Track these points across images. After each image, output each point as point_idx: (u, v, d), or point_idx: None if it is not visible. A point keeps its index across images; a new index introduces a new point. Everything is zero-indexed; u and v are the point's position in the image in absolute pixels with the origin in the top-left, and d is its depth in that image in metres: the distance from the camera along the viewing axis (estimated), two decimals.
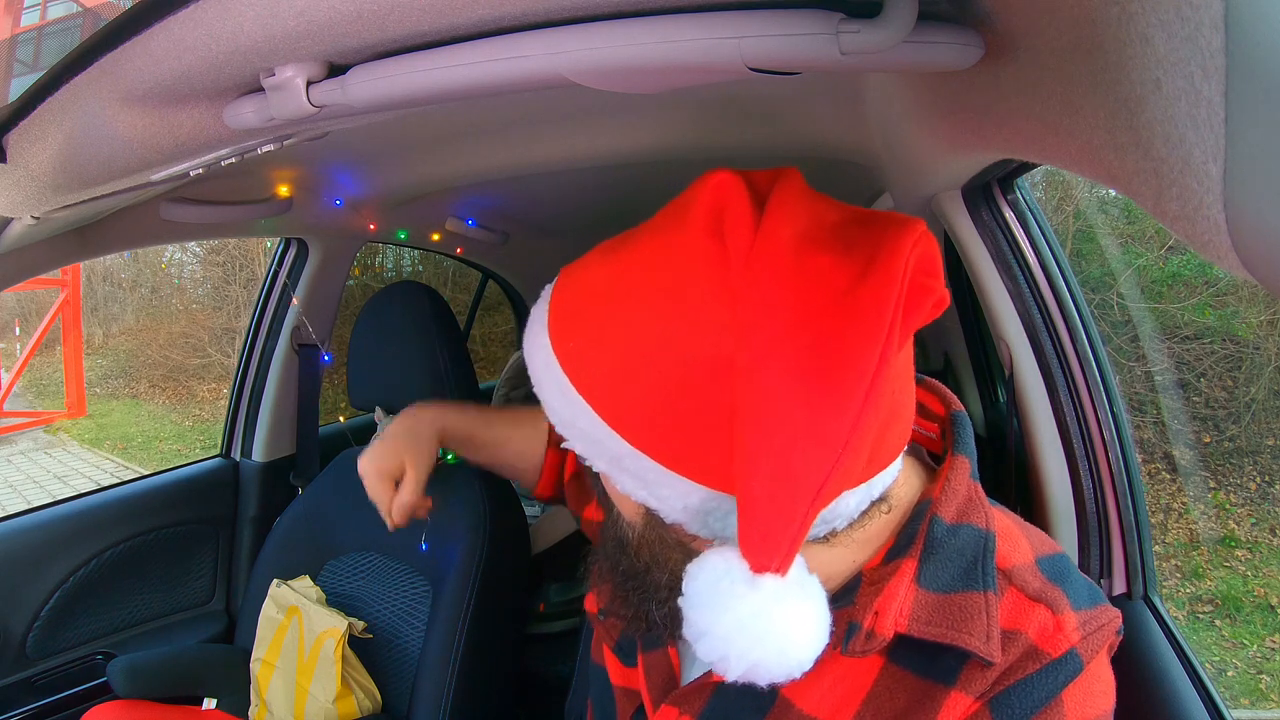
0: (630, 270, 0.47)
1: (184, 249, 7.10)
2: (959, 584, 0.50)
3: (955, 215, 0.98)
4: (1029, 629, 0.49)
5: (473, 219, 1.93)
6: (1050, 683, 0.47)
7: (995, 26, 0.48)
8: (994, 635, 0.48)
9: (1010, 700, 0.47)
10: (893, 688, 0.51)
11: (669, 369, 0.43)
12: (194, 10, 0.49)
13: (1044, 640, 0.48)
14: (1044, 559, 0.53)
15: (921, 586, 0.50)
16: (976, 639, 0.48)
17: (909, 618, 0.50)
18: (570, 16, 0.51)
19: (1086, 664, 0.48)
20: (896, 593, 0.50)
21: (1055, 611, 0.49)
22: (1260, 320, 3.80)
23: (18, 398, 6.74)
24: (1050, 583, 0.51)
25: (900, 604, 0.50)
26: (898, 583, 0.50)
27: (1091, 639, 0.49)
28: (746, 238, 0.43)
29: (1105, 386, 0.92)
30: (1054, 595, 0.50)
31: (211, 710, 1.24)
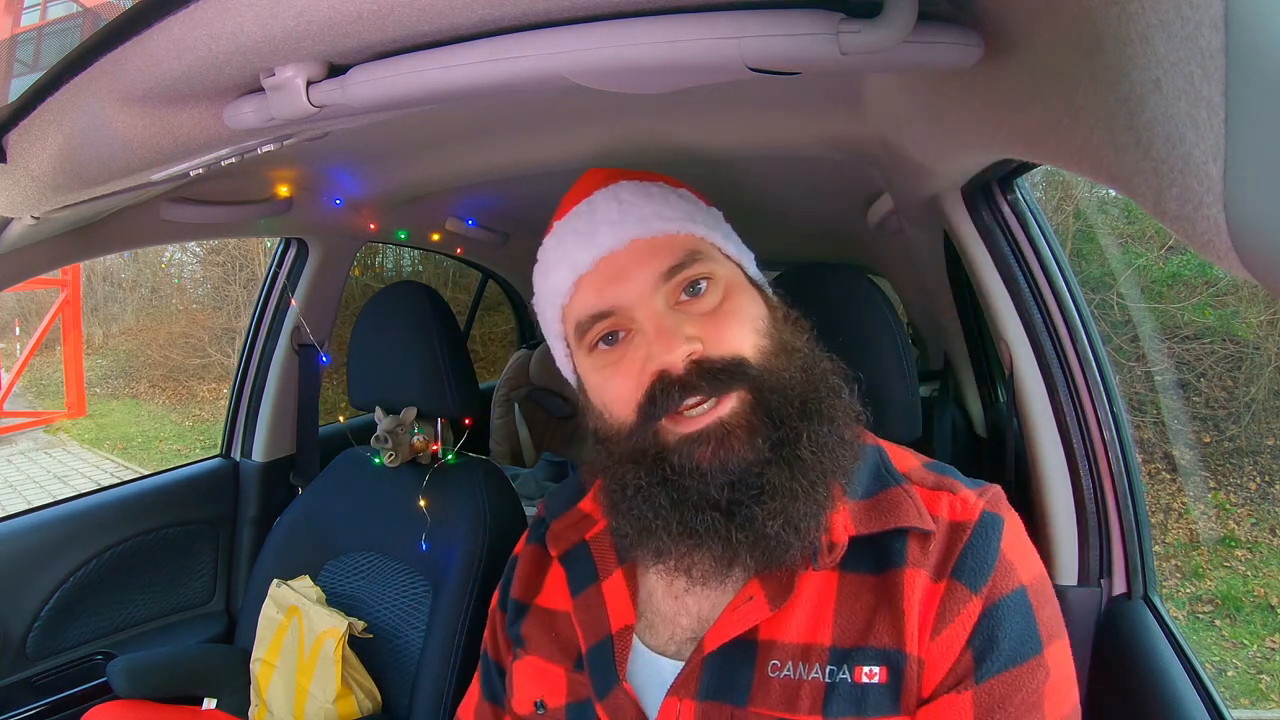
0: None
1: (184, 249, 7.10)
2: (876, 487, 0.62)
3: (955, 215, 0.98)
4: (941, 512, 0.59)
5: (473, 219, 1.93)
6: (988, 540, 0.57)
7: (995, 26, 0.48)
8: (923, 511, 0.59)
9: (966, 565, 0.56)
10: (856, 591, 0.59)
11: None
12: (194, 10, 0.49)
13: (957, 514, 0.59)
14: (927, 463, 0.65)
15: (851, 498, 0.61)
16: (911, 517, 0.58)
17: (853, 522, 0.60)
18: (570, 16, 0.51)
19: (1005, 517, 0.59)
20: (835, 509, 0.60)
21: (954, 493, 0.60)
22: (1260, 320, 3.80)
23: (18, 398, 6.74)
24: (941, 475, 0.63)
25: (842, 516, 0.60)
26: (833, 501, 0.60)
27: (991, 501, 0.60)
28: None
29: (1105, 386, 0.92)
30: (949, 482, 0.62)
31: (211, 710, 1.24)
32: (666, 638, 0.64)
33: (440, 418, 1.31)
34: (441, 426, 1.32)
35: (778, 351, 0.61)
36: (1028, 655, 0.54)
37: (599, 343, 0.62)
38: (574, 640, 0.68)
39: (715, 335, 0.59)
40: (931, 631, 0.55)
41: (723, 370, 0.57)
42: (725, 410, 0.57)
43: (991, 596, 0.55)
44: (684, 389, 0.57)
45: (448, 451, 1.31)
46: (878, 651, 0.56)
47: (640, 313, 0.60)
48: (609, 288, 0.60)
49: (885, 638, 0.56)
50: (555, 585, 0.72)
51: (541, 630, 0.70)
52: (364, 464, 1.34)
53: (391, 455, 1.27)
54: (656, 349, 0.58)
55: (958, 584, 0.55)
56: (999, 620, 0.54)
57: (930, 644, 0.55)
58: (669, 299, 0.60)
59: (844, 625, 0.57)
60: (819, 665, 0.56)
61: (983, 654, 0.54)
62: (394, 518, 1.27)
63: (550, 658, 0.69)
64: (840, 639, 0.57)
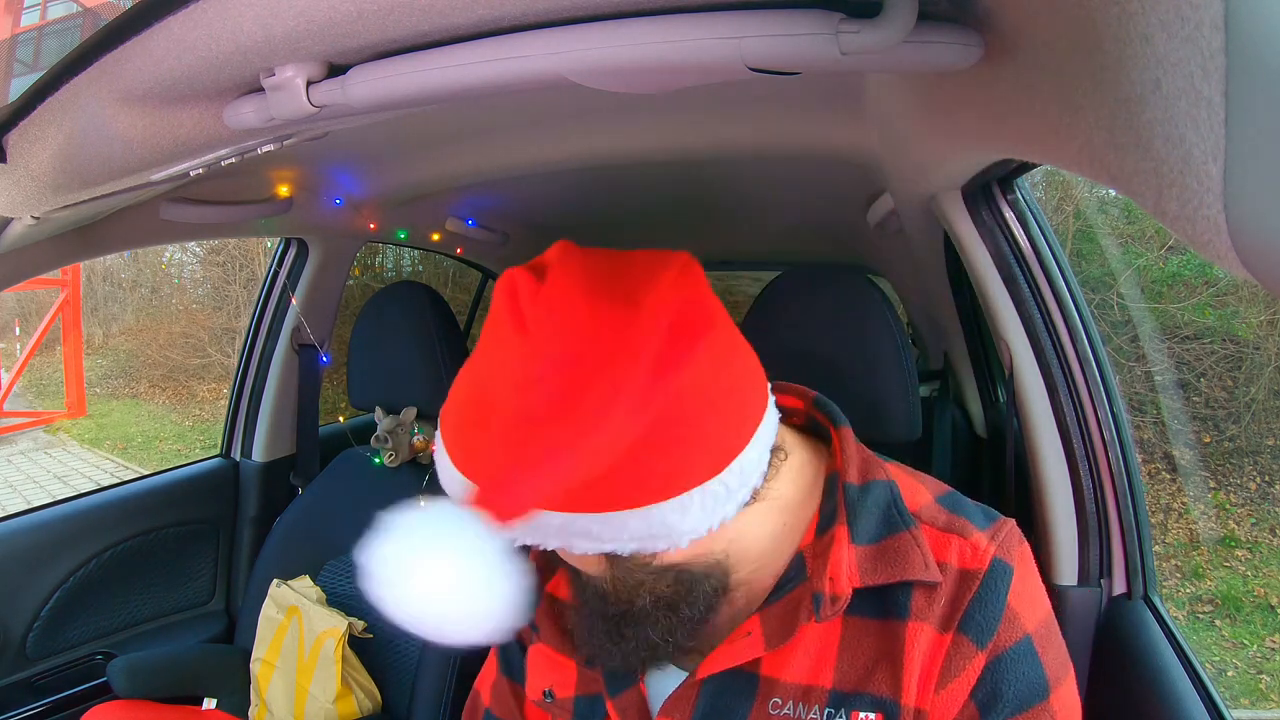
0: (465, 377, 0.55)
1: (184, 249, 7.10)
2: (884, 531, 0.59)
3: (955, 215, 0.98)
4: (951, 558, 0.57)
5: (473, 219, 1.93)
6: (996, 592, 0.55)
7: (995, 26, 0.48)
8: (930, 561, 0.56)
9: (973, 620, 0.54)
10: (859, 636, 0.57)
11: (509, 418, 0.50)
12: (194, 10, 0.49)
13: (967, 562, 0.56)
14: (941, 497, 0.62)
15: (856, 544, 0.58)
16: (916, 569, 0.56)
17: (858, 572, 0.57)
18: (570, 16, 0.51)
19: (1014, 566, 0.57)
20: (840, 556, 0.57)
21: (965, 536, 0.58)
22: (1260, 320, 3.80)
23: (18, 398, 6.74)
24: (952, 514, 0.60)
25: (847, 565, 0.57)
26: (838, 548, 0.57)
27: (1003, 545, 0.57)
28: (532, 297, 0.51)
29: (1105, 386, 0.92)
30: (960, 524, 0.59)
31: (211, 710, 1.24)
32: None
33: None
34: None
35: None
36: (1033, 702, 0.54)
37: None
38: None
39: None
40: (936, 685, 0.55)
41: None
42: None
43: (996, 650, 0.54)
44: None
45: None
46: (875, 699, 0.56)
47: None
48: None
49: (883, 687, 0.56)
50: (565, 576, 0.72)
51: (551, 620, 0.70)
52: (364, 464, 1.34)
53: (391, 455, 1.27)
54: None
55: (964, 638, 0.54)
56: (1003, 672, 0.54)
57: (935, 697, 0.55)
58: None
59: (845, 669, 0.57)
60: (818, 707, 0.57)
61: (986, 705, 0.54)
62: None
63: (560, 649, 0.69)
64: (840, 683, 0.57)
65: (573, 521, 0.51)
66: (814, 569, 0.58)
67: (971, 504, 0.62)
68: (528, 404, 0.48)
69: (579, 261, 0.53)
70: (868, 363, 0.73)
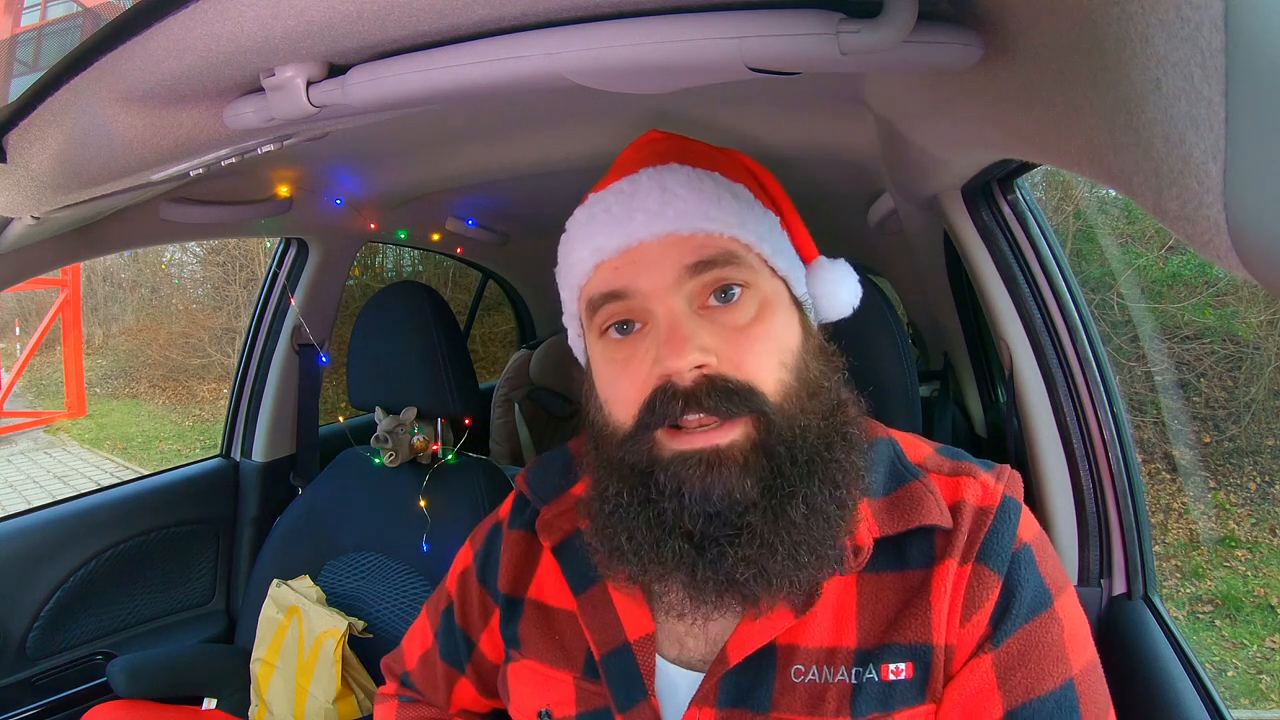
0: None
1: (184, 249, 7.10)
2: (894, 483, 0.60)
3: (955, 215, 0.98)
4: (967, 496, 0.58)
5: (473, 219, 1.93)
6: (1008, 526, 0.57)
7: (995, 26, 0.48)
8: (943, 507, 0.58)
9: (990, 551, 0.56)
10: (877, 591, 0.58)
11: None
12: (194, 10, 0.49)
13: (981, 500, 0.58)
14: (940, 449, 0.64)
15: (870, 497, 0.59)
16: (933, 515, 0.57)
17: (875, 523, 0.58)
18: (570, 16, 0.51)
19: (1021, 503, 0.59)
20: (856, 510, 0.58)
21: (975, 477, 0.59)
22: (1260, 320, 3.80)
23: (18, 398, 6.73)
24: (956, 461, 0.62)
25: (864, 517, 0.58)
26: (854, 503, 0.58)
27: (1010, 486, 0.59)
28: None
29: (1105, 386, 0.92)
30: (967, 467, 0.60)
31: (211, 710, 1.24)
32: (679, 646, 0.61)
33: (440, 418, 1.31)
34: (441, 426, 1.32)
35: (799, 391, 0.56)
36: (1039, 610, 0.55)
37: (611, 329, 0.58)
38: (579, 642, 0.63)
39: (734, 355, 0.54)
40: (960, 618, 0.55)
41: (733, 394, 0.52)
42: (725, 439, 0.53)
43: (1009, 568, 0.56)
44: (688, 402, 0.52)
45: (448, 451, 1.31)
46: (904, 648, 0.55)
47: (657, 305, 0.55)
48: (628, 271, 0.56)
49: (911, 633, 0.55)
50: (550, 578, 0.67)
51: (539, 631, 0.66)
52: (364, 464, 1.34)
53: (391, 455, 1.27)
54: (665, 351, 0.53)
55: (984, 568, 0.55)
56: (1013, 588, 0.55)
57: (961, 630, 0.55)
58: (693, 299, 0.56)
59: (867, 626, 0.56)
60: (844, 667, 0.55)
61: (999, 616, 0.54)
62: (394, 518, 1.27)
63: (553, 663, 0.64)
64: (864, 640, 0.56)
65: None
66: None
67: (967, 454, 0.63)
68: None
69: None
70: (868, 362, 0.73)
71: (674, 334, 0.53)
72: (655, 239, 0.55)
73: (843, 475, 0.56)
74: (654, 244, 0.56)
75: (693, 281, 0.55)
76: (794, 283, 0.61)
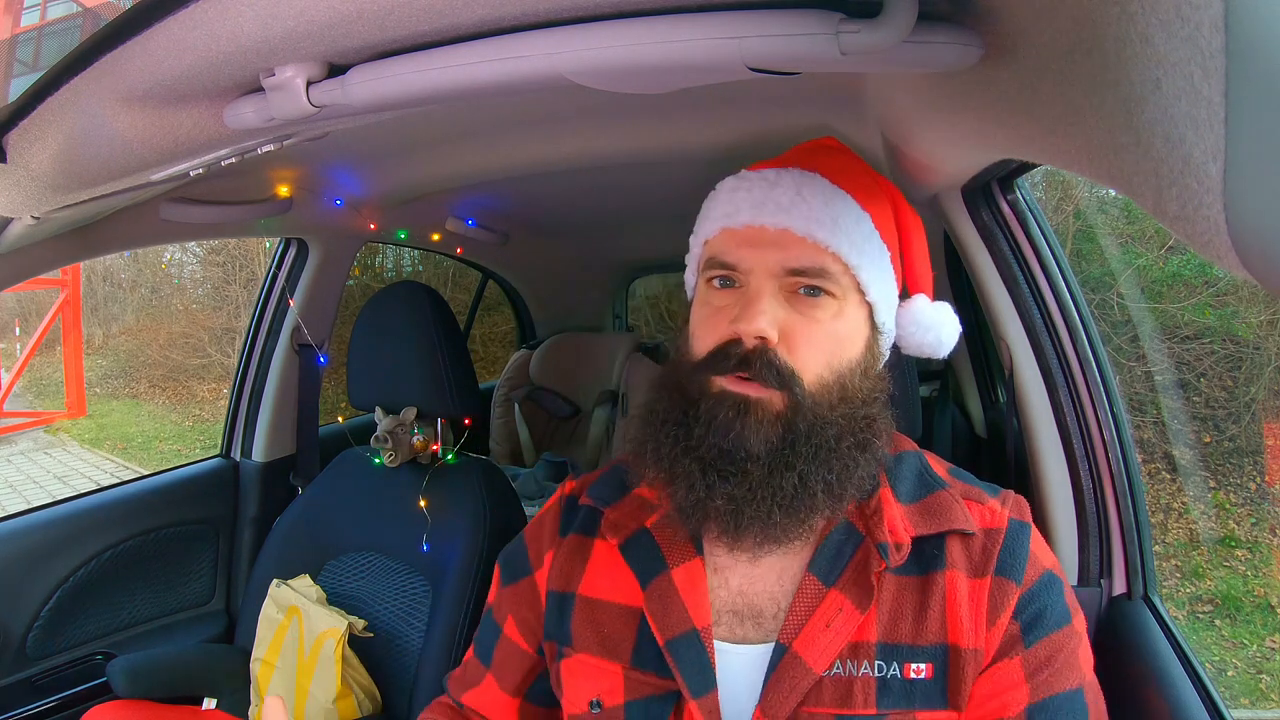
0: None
1: (184, 249, 7.10)
2: (922, 491, 0.68)
3: (955, 215, 0.98)
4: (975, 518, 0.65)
5: (473, 219, 1.93)
6: (1019, 543, 0.64)
7: (995, 26, 0.48)
8: (969, 514, 0.65)
9: (1006, 563, 0.63)
10: (899, 592, 0.63)
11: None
12: (194, 10, 0.49)
13: (987, 522, 0.65)
14: (952, 470, 0.71)
15: (901, 502, 0.67)
16: (960, 520, 0.65)
17: (910, 525, 0.65)
18: (570, 16, 0.51)
19: (1029, 525, 0.66)
20: (893, 513, 0.65)
21: (981, 503, 0.67)
22: (1260, 320, 3.80)
23: (18, 398, 6.73)
24: (966, 484, 0.69)
25: (900, 518, 0.65)
26: (888, 506, 0.66)
27: (1015, 510, 0.67)
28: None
29: (1105, 386, 0.92)
30: (975, 492, 0.68)
31: (211, 710, 1.24)
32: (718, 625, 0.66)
33: (440, 418, 1.31)
34: (441, 426, 1.32)
35: (834, 391, 0.64)
36: (1062, 624, 0.62)
37: (716, 279, 0.67)
38: (624, 633, 0.68)
39: (794, 341, 0.63)
40: (987, 622, 0.61)
41: (777, 372, 0.61)
42: (755, 395, 0.62)
43: (1028, 582, 0.63)
44: (742, 361, 0.62)
45: (448, 451, 1.31)
46: (924, 649, 0.61)
47: (754, 279, 0.64)
48: (744, 249, 0.65)
49: (931, 635, 0.62)
50: (600, 573, 0.71)
51: (587, 625, 0.70)
52: (364, 464, 1.34)
53: (391, 455, 1.27)
54: (742, 313, 0.63)
55: (1002, 579, 0.62)
56: (1037, 596, 0.62)
57: (988, 633, 0.61)
58: (786, 287, 0.64)
59: (888, 623, 0.62)
60: (867, 661, 0.61)
61: (1030, 625, 0.61)
62: (394, 518, 1.27)
63: (603, 654, 0.68)
64: (886, 635, 0.62)
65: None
66: (869, 527, 0.65)
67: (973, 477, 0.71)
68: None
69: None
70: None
71: (753, 304, 0.63)
72: (775, 228, 0.64)
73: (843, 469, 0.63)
74: (772, 232, 0.64)
75: (786, 279, 0.64)
76: (879, 310, 0.67)
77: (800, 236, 0.63)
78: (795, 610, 0.63)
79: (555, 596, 0.73)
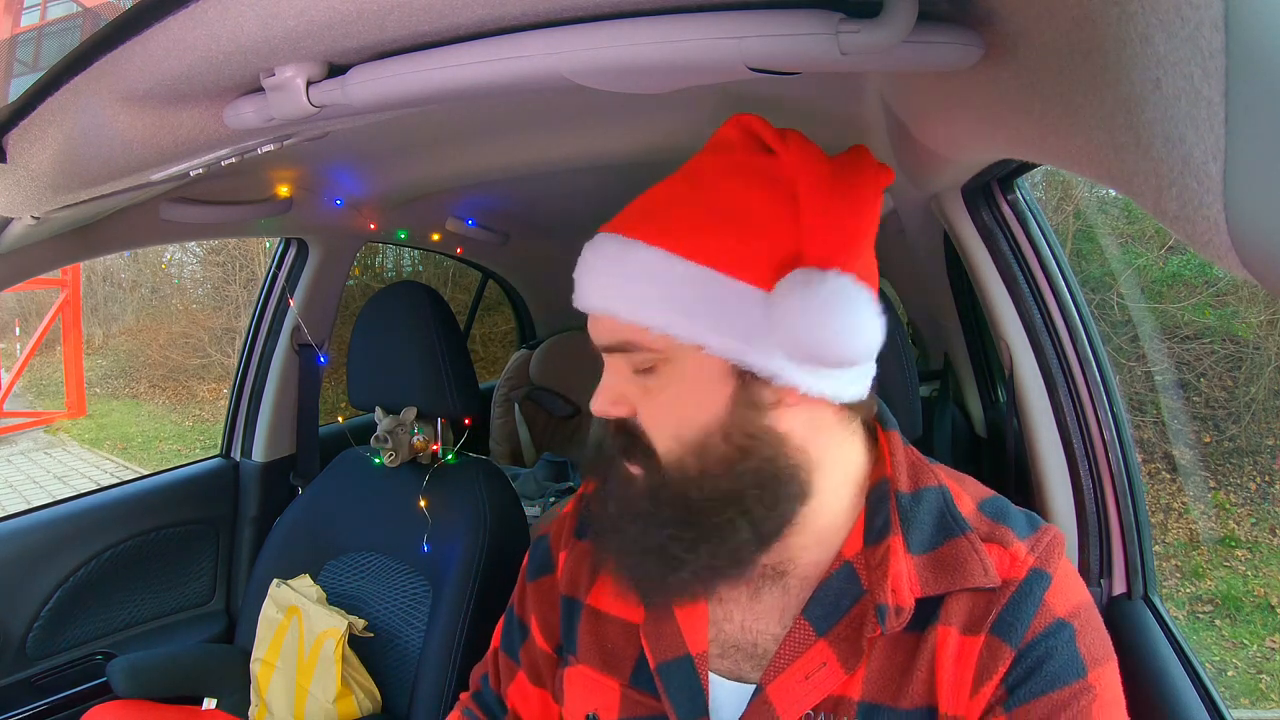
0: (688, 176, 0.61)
1: (184, 249, 7.10)
2: (940, 538, 0.58)
3: (955, 215, 0.98)
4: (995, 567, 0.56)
5: (473, 219, 1.93)
6: (1029, 598, 0.55)
7: (995, 26, 0.48)
8: (989, 565, 0.56)
9: (1006, 620, 0.54)
10: (890, 648, 0.57)
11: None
12: (194, 10, 0.49)
13: (1007, 572, 0.56)
14: (984, 503, 0.61)
15: (913, 554, 0.58)
16: (976, 576, 0.55)
17: (918, 582, 0.57)
18: (571, 16, 0.51)
19: (1053, 574, 0.56)
20: (899, 569, 0.57)
21: (1005, 546, 0.57)
22: (1260, 320, 3.80)
23: (18, 398, 6.73)
24: (995, 523, 0.59)
25: (907, 576, 0.57)
26: (895, 559, 0.57)
27: (1044, 556, 0.57)
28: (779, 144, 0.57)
29: (1105, 386, 0.92)
30: (1001, 533, 0.58)
31: (211, 710, 1.24)
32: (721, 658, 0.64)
33: (440, 418, 1.31)
34: (441, 426, 1.32)
35: (688, 460, 0.57)
36: (1070, 679, 0.53)
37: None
38: (625, 650, 0.66)
39: (643, 415, 0.59)
40: (971, 689, 0.54)
41: (633, 441, 0.60)
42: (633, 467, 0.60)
43: (1029, 637, 0.54)
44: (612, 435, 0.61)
45: (448, 451, 1.31)
46: (909, 712, 0.55)
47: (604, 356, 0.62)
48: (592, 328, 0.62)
49: (916, 697, 0.55)
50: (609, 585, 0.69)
51: (591, 636, 0.68)
52: (364, 464, 1.34)
53: (391, 455, 1.27)
54: (596, 395, 0.61)
55: (996, 640, 0.54)
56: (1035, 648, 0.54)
57: (970, 701, 0.54)
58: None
59: (875, 681, 0.57)
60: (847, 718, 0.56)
61: (1015, 685, 0.53)
62: (394, 518, 1.27)
63: (603, 669, 0.67)
64: (870, 694, 0.56)
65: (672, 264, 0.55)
66: (871, 581, 0.57)
67: (1015, 510, 0.61)
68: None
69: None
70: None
71: (601, 387, 0.61)
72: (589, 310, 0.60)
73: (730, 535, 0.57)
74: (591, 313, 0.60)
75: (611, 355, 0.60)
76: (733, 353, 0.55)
77: (599, 315, 0.59)
78: (781, 654, 0.59)
79: (566, 601, 0.72)
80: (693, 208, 0.58)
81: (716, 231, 0.56)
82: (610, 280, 0.58)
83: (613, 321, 0.57)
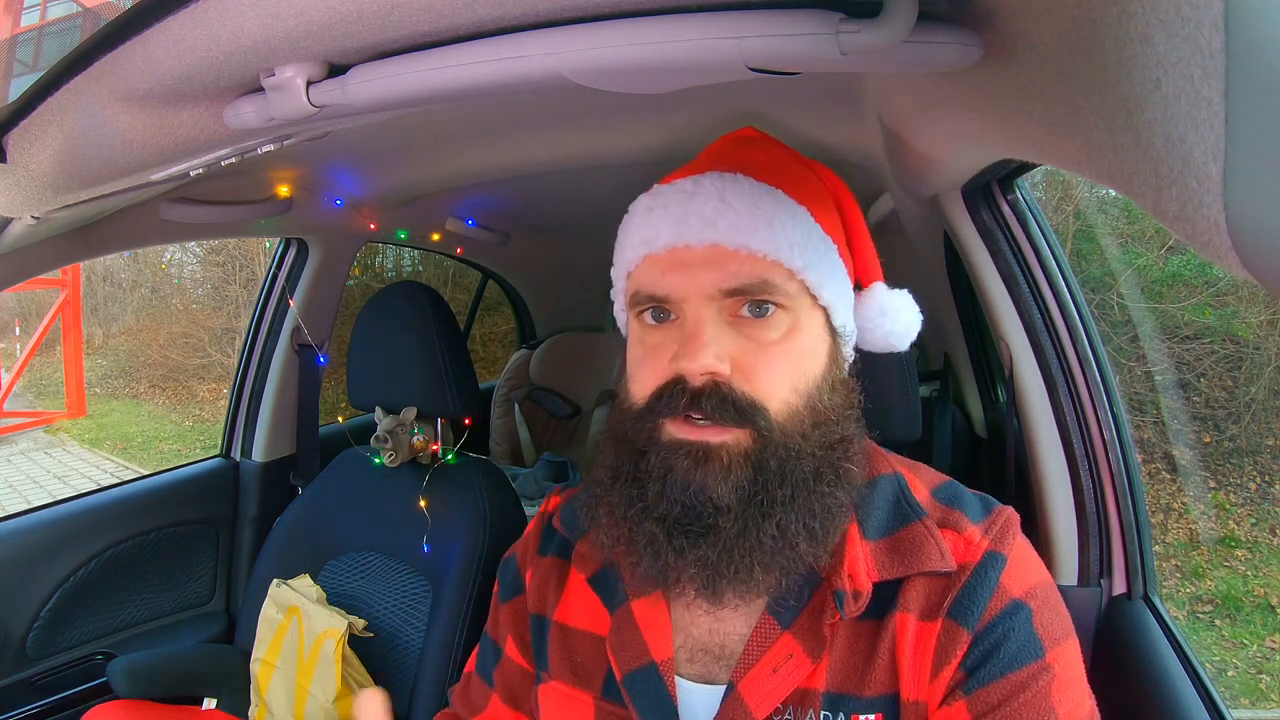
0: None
1: (184, 249, 7.10)
2: (894, 524, 0.59)
3: (955, 215, 0.98)
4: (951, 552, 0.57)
5: (473, 219, 1.93)
6: (987, 579, 0.55)
7: (995, 26, 0.48)
8: (945, 549, 0.56)
9: (962, 604, 0.54)
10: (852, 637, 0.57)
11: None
12: (194, 10, 0.49)
13: (962, 556, 0.56)
14: (937, 489, 0.62)
15: (869, 539, 0.59)
16: (933, 560, 0.56)
17: (875, 567, 0.57)
18: (571, 16, 0.51)
19: (1008, 555, 0.56)
20: (855, 553, 0.58)
21: (960, 531, 0.58)
22: (1260, 320, 3.80)
23: (18, 398, 6.73)
24: (949, 508, 0.60)
25: (863, 560, 0.57)
26: (852, 545, 0.58)
27: (998, 538, 0.57)
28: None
29: (1105, 386, 0.92)
30: (955, 518, 0.59)
31: (211, 710, 1.24)
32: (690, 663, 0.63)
33: (440, 418, 1.31)
34: (441, 426, 1.32)
35: (804, 417, 0.57)
36: (1027, 660, 0.53)
37: (647, 313, 0.60)
38: (595, 663, 0.65)
39: (749, 370, 0.56)
40: (931, 674, 0.54)
41: (735, 407, 0.54)
42: (716, 439, 0.55)
43: (985, 620, 0.54)
44: (692, 401, 0.55)
45: (448, 451, 1.31)
46: (873, 700, 0.55)
47: (690, 308, 0.57)
48: (671, 275, 0.58)
49: (879, 684, 0.55)
50: (574, 600, 0.69)
51: (560, 651, 0.68)
52: (364, 464, 1.34)
53: (391, 455, 1.27)
54: (683, 350, 0.55)
55: (954, 624, 0.54)
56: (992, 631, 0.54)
57: (930, 686, 0.54)
58: (724, 308, 0.57)
59: (839, 671, 0.56)
60: (813, 711, 0.56)
61: (974, 667, 0.53)
62: (394, 518, 1.27)
63: (575, 683, 0.66)
64: (834, 684, 0.56)
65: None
66: (829, 568, 0.57)
67: (969, 494, 0.62)
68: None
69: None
70: (867, 362, 0.73)
71: (694, 337, 0.55)
72: (702, 246, 0.57)
73: (824, 511, 0.56)
74: (700, 251, 0.57)
75: (726, 300, 0.57)
76: (835, 312, 0.61)
77: (733, 250, 0.56)
78: (749, 649, 0.58)
79: (535, 619, 0.71)
80: (810, 180, 0.62)
81: (828, 210, 0.62)
82: (753, 219, 0.56)
83: (750, 257, 0.56)
